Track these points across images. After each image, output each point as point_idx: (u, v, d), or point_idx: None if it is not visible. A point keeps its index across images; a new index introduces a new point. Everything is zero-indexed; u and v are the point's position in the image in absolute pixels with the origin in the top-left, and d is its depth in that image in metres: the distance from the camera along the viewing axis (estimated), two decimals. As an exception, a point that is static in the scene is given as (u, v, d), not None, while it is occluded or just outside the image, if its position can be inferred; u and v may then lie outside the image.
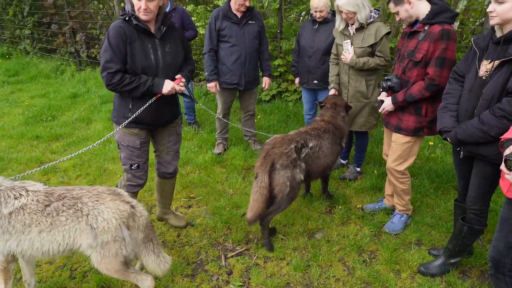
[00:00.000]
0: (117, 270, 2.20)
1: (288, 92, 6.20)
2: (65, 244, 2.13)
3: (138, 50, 2.53)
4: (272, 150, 2.91)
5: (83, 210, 2.12)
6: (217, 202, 3.65)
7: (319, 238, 3.13)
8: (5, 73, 9.37)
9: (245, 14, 4.08)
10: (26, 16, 10.24)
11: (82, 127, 5.69)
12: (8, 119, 6.16)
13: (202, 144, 4.99)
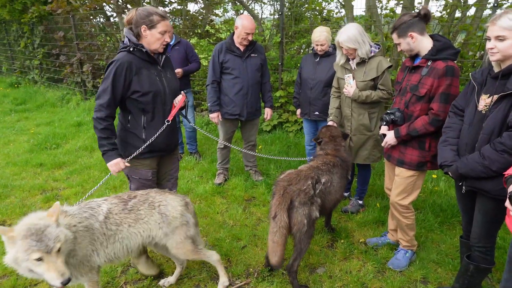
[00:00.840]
0: (191, 251, 2.60)
1: (289, 122, 6.25)
2: (145, 236, 2.44)
3: (146, 77, 2.64)
4: (290, 187, 2.77)
5: (155, 203, 2.47)
6: (217, 233, 3.59)
7: (321, 274, 3.04)
8: (12, 101, 9.56)
9: (248, 47, 4.19)
10: (36, 48, 10.58)
11: (85, 155, 5.72)
12: (13, 146, 6.22)
13: (203, 174, 4.97)
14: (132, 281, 2.98)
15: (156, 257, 3.27)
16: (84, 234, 2.19)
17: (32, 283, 2.96)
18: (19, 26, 11.02)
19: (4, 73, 13.37)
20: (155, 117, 2.75)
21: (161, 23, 2.58)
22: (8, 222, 3.88)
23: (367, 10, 5.70)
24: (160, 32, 2.59)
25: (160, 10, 2.60)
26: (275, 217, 2.68)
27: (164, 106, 2.78)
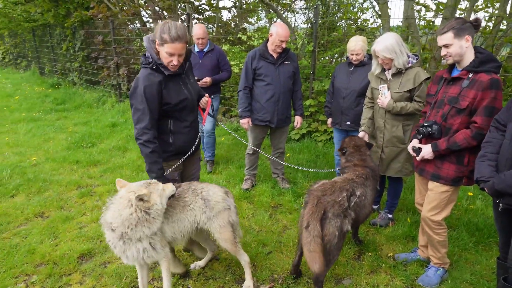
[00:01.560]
0: (231, 240, 2.72)
1: (318, 132, 6.21)
2: (192, 221, 2.64)
3: (173, 90, 2.68)
4: (324, 197, 2.75)
5: (197, 190, 2.68)
6: (243, 238, 3.59)
7: (346, 285, 2.98)
8: (53, 101, 10.05)
9: (281, 54, 4.22)
10: (77, 51, 11.10)
11: (118, 155, 5.91)
12: (52, 143, 6.53)
13: (231, 178, 5.01)
14: (159, 278, 3.03)
15: (183, 256, 3.31)
16: None
17: (66, 272, 3.07)
18: (62, 30, 11.61)
19: (47, 74, 14.08)
20: (181, 122, 2.82)
21: (169, 44, 2.49)
22: (46, 214, 4.06)
23: (404, 20, 5.61)
24: (167, 52, 2.53)
25: (175, 32, 2.47)
26: (307, 227, 2.65)
27: (191, 111, 2.87)
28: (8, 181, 4.83)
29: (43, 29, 13.44)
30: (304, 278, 3.04)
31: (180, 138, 2.83)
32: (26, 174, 5.04)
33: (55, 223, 3.81)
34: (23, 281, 3.00)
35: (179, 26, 2.49)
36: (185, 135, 2.86)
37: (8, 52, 18.81)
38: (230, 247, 2.76)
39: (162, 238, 2.51)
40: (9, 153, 6.01)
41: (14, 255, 3.28)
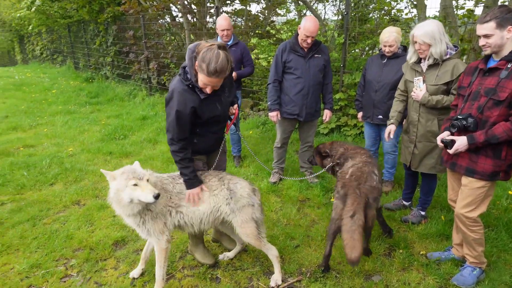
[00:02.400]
0: (254, 235, 2.73)
1: (348, 126, 6.10)
2: (213, 209, 2.69)
3: (206, 108, 2.67)
4: (362, 186, 2.90)
5: (225, 180, 2.73)
6: (271, 231, 3.61)
7: (376, 281, 2.93)
8: (87, 94, 10.44)
9: (312, 47, 4.16)
10: (109, 46, 11.43)
11: (149, 147, 6.07)
12: (87, 135, 6.79)
13: (258, 172, 5.03)
14: (189, 267, 3.11)
15: (212, 247, 3.37)
16: (162, 193, 2.59)
17: (102, 258, 3.20)
18: (95, 26, 11.98)
19: (81, 69, 14.60)
20: (209, 128, 2.85)
21: (205, 76, 2.44)
22: (82, 202, 4.24)
23: (441, 10, 5.39)
24: (202, 81, 2.50)
25: (213, 67, 2.38)
26: (353, 216, 2.75)
27: (218, 123, 2.88)
28: (47, 170, 5.07)
29: (77, 25, 13.92)
30: (333, 272, 3.02)
31: (204, 141, 2.88)
32: (64, 164, 5.28)
33: (91, 211, 3.97)
34: (63, 264, 3.16)
35: (220, 60, 2.37)
36: (210, 139, 2.91)
37: (46, 48, 19.62)
38: (254, 241, 2.78)
39: (159, 221, 2.61)
40: (48, 143, 6.30)
41: (54, 240, 3.46)
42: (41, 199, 4.25)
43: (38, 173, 4.95)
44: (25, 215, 3.89)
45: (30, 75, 15.04)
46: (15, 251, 3.33)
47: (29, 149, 6.03)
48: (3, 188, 4.53)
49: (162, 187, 2.67)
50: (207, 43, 2.45)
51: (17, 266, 3.10)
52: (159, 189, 2.57)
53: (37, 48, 20.59)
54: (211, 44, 2.42)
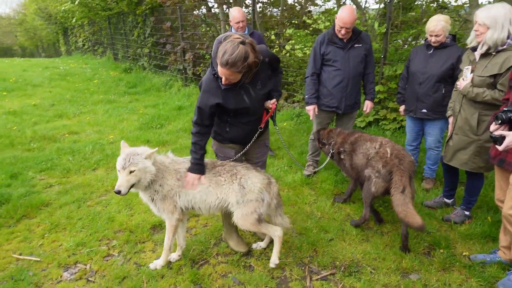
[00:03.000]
0: (252, 223, 2.76)
1: (387, 120, 5.92)
2: (220, 199, 2.76)
3: (232, 98, 2.67)
4: (403, 162, 3.14)
5: (238, 175, 2.76)
6: (305, 223, 3.59)
7: (414, 280, 2.85)
8: (126, 85, 10.79)
9: (352, 37, 4.01)
10: (147, 37, 11.71)
11: (184, 136, 6.19)
12: (126, 123, 7.04)
13: (293, 164, 5.01)
14: (223, 254, 3.16)
15: (245, 235, 3.40)
16: (172, 174, 2.76)
17: (140, 240, 3.33)
18: (134, 17, 12.30)
19: (120, 60, 15.09)
20: (241, 118, 2.84)
21: (218, 65, 2.45)
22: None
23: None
24: (219, 71, 2.49)
25: (226, 59, 2.35)
26: (404, 191, 3.00)
27: (248, 115, 2.83)
28: (90, 156, 5.31)
29: (117, 17, 14.36)
30: (368, 268, 2.97)
31: (236, 130, 2.88)
32: (105, 150, 5.50)
33: (130, 196, 4.10)
34: (105, 244, 3.32)
35: (235, 54, 2.33)
36: (241, 130, 2.89)
37: (87, 39, 20.42)
38: (253, 228, 2.81)
39: (168, 201, 2.76)
40: (90, 131, 6.59)
41: (97, 221, 3.63)
42: (85, 183, 4.46)
43: (82, 159, 5.20)
44: (71, 197, 4.10)
45: (74, 66, 15.73)
46: (62, 229, 3.53)
47: (73, 135, 6.34)
48: (51, 172, 4.80)
49: (174, 169, 2.79)
50: (236, 35, 2.44)
51: (64, 244, 3.29)
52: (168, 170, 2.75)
53: (79, 40, 21.49)
54: (238, 36, 2.41)
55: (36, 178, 4.62)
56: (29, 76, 12.40)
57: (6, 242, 3.34)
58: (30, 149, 5.61)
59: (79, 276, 2.91)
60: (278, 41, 8.41)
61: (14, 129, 6.51)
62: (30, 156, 5.25)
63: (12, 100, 9.03)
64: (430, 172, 4.32)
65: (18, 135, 6.15)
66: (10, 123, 6.94)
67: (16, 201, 3.95)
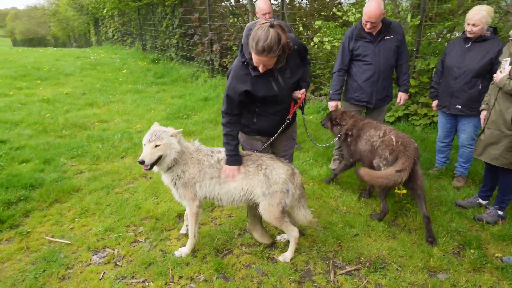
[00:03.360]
0: (276, 217, 2.77)
1: (417, 115, 5.74)
2: (245, 191, 2.78)
3: (261, 85, 2.64)
4: (407, 148, 3.25)
5: (263, 166, 2.76)
6: (330, 217, 3.56)
7: (442, 279, 2.77)
8: (154, 75, 10.97)
9: (381, 29, 3.86)
10: (175, 28, 11.82)
11: (210, 127, 6.24)
12: (153, 113, 7.17)
13: (318, 157, 4.95)
14: (247, 245, 3.18)
15: (269, 227, 3.40)
16: (194, 163, 2.82)
17: (166, 228, 3.39)
18: (163, 8, 12.43)
19: (148, 50, 15.34)
20: (268, 108, 2.81)
21: (254, 55, 2.41)
22: (149, 176, 4.51)
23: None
24: (253, 59, 2.47)
25: (261, 46, 2.32)
26: (399, 171, 3.13)
27: (277, 104, 2.80)
28: (118, 144, 5.45)
29: (146, 8, 14.56)
30: (394, 265, 2.91)
31: (264, 121, 2.85)
32: (133, 139, 5.63)
33: (157, 184, 4.20)
34: (132, 230, 3.41)
35: (269, 39, 2.30)
36: (269, 120, 2.86)
37: (117, 30, 20.85)
38: (275, 222, 2.82)
39: (189, 189, 2.82)
40: (119, 120, 6.75)
41: (125, 208, 3.73)
42: (114, 170, 4.58)
43: (111, 147, 5.34)
44: (100, 184, 4.23)
45: (104, 56, 16.13)
46: (92, 215, 3.65)
47: (103, 124, 6.52)
48: (82, 158, 4.95)
49: (198, 158, 2.83)
50: (263, 21, 2.41)
51: (94, 228, 3.40)
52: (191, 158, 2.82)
53: (109, 30, 21.97)
54: (265, 22, 2.38)
55: (68, 164, 4.79)
56: (61, 66, 12.82)
57: (40, 225, 3.48)
58: (62, 136, 5.81)
59: (107, 260, 3.00)
60: (306, 33, 8.29)
61: (47, 117, 6.76)
62: (62, 143, 5.44)
63: (45, 89, 9.37)
64: (461, 170, 4.17)
65: (51, 122, 6.39)
66: (43, 110, 7.21)
67: (49, 185, 4.11)
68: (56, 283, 2.74)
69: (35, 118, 6.59)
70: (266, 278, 2.77)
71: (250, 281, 2.75)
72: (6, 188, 3.98)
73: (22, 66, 12.20)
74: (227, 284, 2.71)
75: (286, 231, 2.91)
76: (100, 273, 2.85)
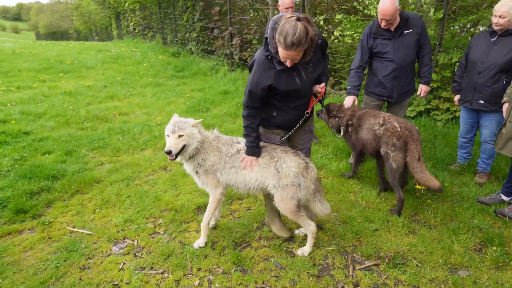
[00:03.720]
0: (292, 211, 2.80)
1: (439, 110, 5.60)
2: (259, 181, 2.85)
3: (284, 79, 2.63)
4: (412, 132, 3.43)
5: (275, 157, 2.80)
6: (349, 211, 3.53)
7: (463, 276, 2.72)
8: (174, 68, 11.08)
9: (399, 25, 3.75)
10: (195, 22, 11.87)
11: (229, 120, 6.27)
12: (173, 106, 7.26)
13: (338, 152, 4.91)
14: (265, 238, 3.20)
15: (288, 221, 3.41)
16: (214, 151, 2.90)
17: (185, 220, 3.45)
18: (183, 2, 12.50)
19: (168, 44, 15.48)
20: (288, 103, 2.81)
21: (282, 50, 2.39)
22: (169, 168, 4.58)
23: None
24: (281, 55, 2.45)
25: (290, 40, 2.30)
26: (419, 159, 3.33)
27: (298, 98, 2.80)
28: (139, 136, 5.55)
29: (167, 2, 14.68)
30: (413, 261, 2.87)
31: (283, 115, 2.86)
32: (153, 131, 5.72)
33: (176, 177, 4.26)
34: (151, 222, 3.47)
35: (298, 32, 2.28)
36: (289, 114, 2.87)
37: (138, 24, 21.13)
38: (291, 216, 2.85)
39: (211, 176, 2.91)
40: (139, 112, 6.87)
41: (145, 200, 3.80)
42: (134, 162, 4.68)
43: (131, 139, 5.44)
44: (120, 176, 4.32)
45: (125, 49, 16.39)
46: (112, 206, 3.74)
47: (123, 116, 6.64)
48: (103, 150, 5.07)
49: (217, 147, 2.91)
50: (289, 14, 2.38)
51: (114, 219, 3.48)
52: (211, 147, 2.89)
53: (130, 24, 22.28)
54: (290, 15, 2.35)
55: (89, 155, 4.91)
56: (83, 59, 13.10)
57: (61, 215, 3.59)
58: (83, 128, 5.96)
59: (127, 251, 3.07)
60: (327, 27, 8.18)
61: (70, 109, 6.94)
62: (84, 135, 5.58)
63: (68, 81, 9.61)
64: (484, 166, 4.06)
65: (73, 115, 6.55)
66: (66, 103, 7.40)
67: (71, 176, 4.22)
68: (77, 272, 2.82)
69: (58, 110, 6.78)
70: (284, 271, 2.79)
71: (268, 274, 2.77)
72: (29, 179, 4.11)
73: (46, 59, 12.54)
74: (245, 276, 2.74)
75: (303, 225, 2.92)
76: (120, 263, 2.91)
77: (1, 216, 3.49)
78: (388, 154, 3.48)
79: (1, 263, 2.86)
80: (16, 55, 13.33)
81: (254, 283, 2.68)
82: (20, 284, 2.68)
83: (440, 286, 2.64)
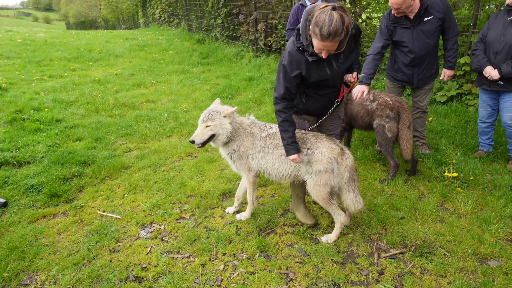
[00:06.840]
0: (324, 198, 2.79)
1: (471, 95, 5.36)
2: (293, 167, 2.86)
3: (314, 70, 2.60)
4: (401, 102, 3.69)
5: (307, 143, 2.79)
6: (374, 199, 3.48)
7: (493, 267, 2.64)
8: (199, 55, 11.13)
9: (419, 11, 3.59)
10: (220, 8, 11.81)
11: (254, 107, 6.27)
12: (199, 93, 7.33)
13: (364, 138, 4.83)
14: (290, 224, 3.21)
15: (312, 208, 3.41)
16: (248, 136, 2.96)
17: (211, 206, 3.52)
18: (209, -12, 12.44)
19: (194, 31, 15.52)
20: (318, 90, 2.78)
21: (319, 41, 2.32)
22: (194, 155, 4.66)
23: None
24: (316, 46, 2.39)
25: (327, 31, 2.23)
26: (409, 126, 3.65)
27: (327, 88, 2.76)
28: (165, 123, 5.66)
29: (192, -12, 14.65)
30: (441, 250, 2.81)
31: (312, 102, 2.84)
32: (179, 118, 5.81)
33: (202, 163, 4.33)
34: (178, 207, 3.56)
35: (334, 22, 2.20)
36: (318, 102, 2.85)
37: (164, 11, 21.24)
38: (322, 203, 2.84)
39: (243, 161, 2.99)
40: (166, 100, 6.98)
41: (171, 185, 3.90)
42: (160, 149, 4.78)
43: (158, 126, 5.56)
44: (148, 162, 4.44)
45: (151, 37, 16.58)
46: (140, 191, 3.85)
47: (150, 104, 6.77)
48: (131, 137, 5.21)
49: (251, 132, 2.95)
50: (323, 4, 2.31)
51: (142, 204, 3.59)
52: (245, 132, 2.94)
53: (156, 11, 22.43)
54: (325, 5, 2.28)
55: (118, 142, 5.06)
56: (111, 47, 13.37)
57: (92, 200, 3.74)
58: (112, 115, 6.13)
59: (154, 235, 3.17)
60: (354, 9, 7.93)
61: (99, 97, 7.15)
62: (112, 122, 5.74)
63: (97, 70, 9.87)
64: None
65: (102, 102, 6.74)
66: (95, 91, 7.62)
67: (100, 162, 4.38)
68: (107, 254, 2.94)
69: (88, 98, 6.99)
70: (308, 258, 2.80)
71: (292, 260, 2.79)
72: (62, 165, 4.30)
73: (75, 48, 12.89)
74: (269, 262, 2.78)
75: (333, 214, 2.90)
76: (148, 247, 3.01)
77: (37, 200, 3.68)
78: (382, 126, 3.69)
79: (38, 245, 3.03)
80: (48, 44, 13.77)
81: (278, 268, 2.71)
82: (55, 264, 2.83)
83: (469, 276, 2.58)
